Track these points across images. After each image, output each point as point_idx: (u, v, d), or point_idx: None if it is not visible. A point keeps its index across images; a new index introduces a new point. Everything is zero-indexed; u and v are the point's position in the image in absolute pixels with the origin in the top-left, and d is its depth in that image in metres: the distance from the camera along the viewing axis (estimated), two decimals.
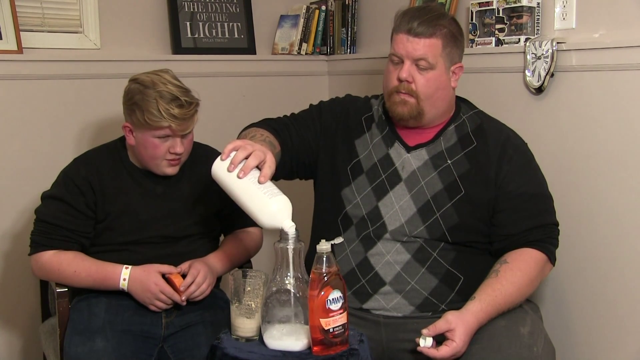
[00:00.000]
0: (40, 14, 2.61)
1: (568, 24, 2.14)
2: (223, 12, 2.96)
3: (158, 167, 2.05)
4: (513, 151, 1.94)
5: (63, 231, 2.02)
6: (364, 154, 2.00)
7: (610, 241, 2.04)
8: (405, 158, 1.95)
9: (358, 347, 1.60)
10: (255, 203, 1.60)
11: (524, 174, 1.93)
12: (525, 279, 1.85)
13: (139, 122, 1.97)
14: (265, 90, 3.04)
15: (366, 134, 2.02)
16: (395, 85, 1.91)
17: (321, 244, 1.56)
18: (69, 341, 1.96)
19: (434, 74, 1.89)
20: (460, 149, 1.94)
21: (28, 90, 2.55)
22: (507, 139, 1.96)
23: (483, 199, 1.90)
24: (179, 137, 2.00)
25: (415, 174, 1.93)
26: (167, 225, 2.09)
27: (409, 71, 1.88)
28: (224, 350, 1.62)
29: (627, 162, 1.98)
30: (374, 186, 1.95)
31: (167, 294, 1.97)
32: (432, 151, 1.95)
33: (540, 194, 1.94)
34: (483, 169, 1.91)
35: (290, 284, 1.58)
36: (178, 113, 1.94)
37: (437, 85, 1.90)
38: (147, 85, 1.96)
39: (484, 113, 2.03)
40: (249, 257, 2.23)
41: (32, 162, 2.56)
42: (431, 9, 1.93)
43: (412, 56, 1.87)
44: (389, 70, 1.94)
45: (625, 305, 2.02)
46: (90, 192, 2.04)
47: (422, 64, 1.88)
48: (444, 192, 1.90)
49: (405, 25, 1.88)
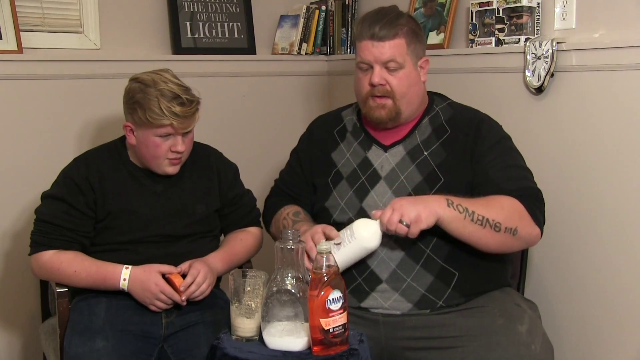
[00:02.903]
0: (40, 14, 2.61)
1: (568, 24, 2.14)
2: (223, 12, 2.96)
3: (159, 166, 2.05)
4: (487, 131, 1.97)
5: (63, 231, 2.02)
6: (342, 163, 2.05)
7: (609, 240, 2.04)
8: (383, 158, 2.00)
9: (358, 347, 1.60)
10: (355, 250, 1.83)
11: (498, 149, 1.95)
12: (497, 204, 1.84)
13: (140, 120, 1.97)
14: (265, 90, 3.04)
15: (341, 145, 2.08)
16: (369, 90, 1.96)
17: (321, 244, 1.56)
18: (69, 341, 1.96)
19: (404, 72, 1.94)
20: (435, 139, 1.98)
21: (28, 90, 2.55)
22: (480, 121, 2.00)
23: (462, 182, 1.92)
24: (180, 136, 2.01)
25: (395, 171, 1.97)
26: (168, 224, 2.09)
27: (380, 75, 1.93)
28: (224, 350, 1.62)
29: (627, 162, 1.98)
30: (355, 189, 1.99)
31: (167, 294, 1.97)
32: (409, 146, 1.99)
33: (516, 165, 1.95)
34: (459, 154, 1.95)
35: (291, 284, 1.58)
36: (179, 111, 1.95)
37: (410, 82, 1.95)
38: (148, 84, 1.97)
39: (457, 103, 2.07)
40: (250, 257, 2.23)
41: (32, 162, 2.56)
42: (388, 11, 1.97)
43: (380, 60, 1.92)
44: (359, 78, 1.99)
45: (624, 304, 2.02)
46: (90, 192, 2.04)
47: (391, 65, 1.93)
48: (423, 183, 1.93)
49: (367, 31, 1.93)
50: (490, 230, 1.81)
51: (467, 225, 1.80)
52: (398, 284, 1.88)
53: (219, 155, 2.26)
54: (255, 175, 2.58)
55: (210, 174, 2.18)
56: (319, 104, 3.15)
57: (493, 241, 1.83)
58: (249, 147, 2.97)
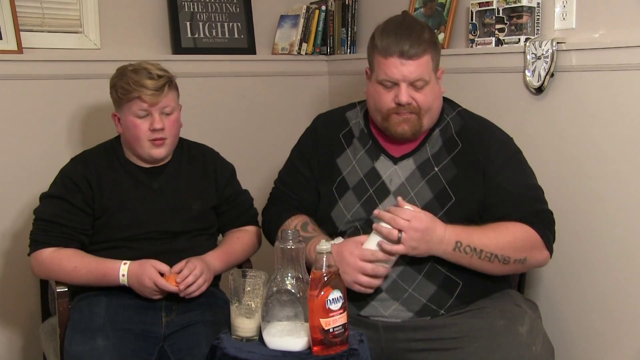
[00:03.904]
0: (40, 14, 2.61)
1: (568, 24, 2.14)
2: (223, 12, 2.96)
3: (143, 149, 2.07)
4: (498, 147, 1.94)
5: (62, 228, 2.03)
6: (347, 170, 1.98)
7: (609, 240, 2.04)
8: (392, 170, 1.94)
9: (358, 347, 1.60)
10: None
11: (510, 166, 1.92)
12: (508, 232, 1.82)
13: (116, 102, 2.07)
14: (265, 90, 3.04)
15: (347, 151, 2.01)
16: (393, 107, 1.88)
17: (321, 244, 1.56)
18: (70, 340, 1.96)
19: (429, 87, 1.88)
20: (446, 153, 1.93)
21: (28, 90, 2.55)
22: (491, 136, 1.96)
23: (474, 200, 1.89)
24: (156, 113, 2.04)
25: (404, 186, 1.92)
26: (164, 220, 2.10)
27: (408, 93, 1.86)
28: (224, 350, 1.62)
29: (627, 162, 1.98)
30: (362, 202, 1.93)
31: (160, 286, 1.96)
32: (419, 159, 1.93)
33: (528, 185, 1.93)
34: (470, 170, 1.91)
35: (291, 284, 1.58)
36: (147, 83, 2.01)
37: (434, 96, 1.90)
38: (125, 68, 2.09)
39: (467, 111, 2.02)
40: (248, 256, 2.23)
41: (31, 162, 2.56)
42: (412, 24, 1.89)
43: (409, 79, 1.85)
44: (381, 93, 1.89)
45: (624, 305, 2.02)
46: (88, 189, 2.06)
47: (418, 83, 1.86)
48: (434, 201, 1.88)
49: (394, 47, 1.84)
50: (499, 264, 1.83)
51: (473, 261, 1.81)
52: (398, 294, 1.86)
53: (216, 154, 2.27)
54: (254, 176, 2.58)
55: (207, 172, 2.20)
56: (319, 104, 3.14)
57: (499, 270, 1.86)
58: (248, 147, 2.97)
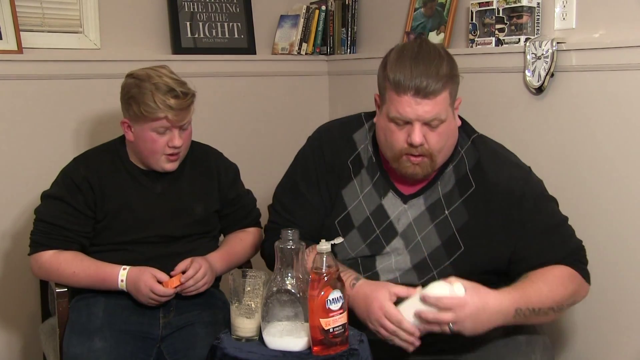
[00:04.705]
0: (40, 14, 2.61)
1: (568, 24, 2.14)
2: (223, 12, 2.96)
3: (157, 162, 2.05)
4: (520, 192, 1.76)
5: (63, 231, 2.02)
6: (353, 205, 1.84)
7: (610, 241, 2.04)
8: (401, 210, 1.81)
9: (358, 347, 1.60)
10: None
11: (537, 210, 1.77)
12: (558, 281, 1.71)
13: (136, 115, 1.98)
14: (265, 90, 3.04)
15: (354, 181, 1.85)
16: (405, 147, 1.70)
17: (321, 244, 1.56)
18: (68, 341, 1.96)
19: (445, 125, 1.70)
20: (458, 194, 1.78)
21: (28, 90, 2.55)
22: (509, 177, 1.78)
23: (487, 253, 1.76)
24: (176, 129, 2.01)
25: (412, 228, 1.79)
26: (166, 224, 2.09)
27: (421, 133, 1.68)
28: (224, 350, 1.62)
29: (627, 162, 1.98)
30: (368, 242, 1.82)
31: (157, 292, 1.95)
32: (429, 199, 1.79)
33: (558, 223, 1.81)
34: (483, 218, 1.76)
35: (291, 284, 1.58)
36: (174, 104, 1.96)
37: (448, 133, 1.73)
38: (143, 79, 1.98)
39: (481, 139, 1.85)
40: (249, 257, 2.23)
41: (32, 162, 2.56)
42: (429, 55, 1.68)
43: (424, 118, 1.66)
44: (392, 131, 1.71)
45: (624, 305, 2.02)
46: (89, 192, 2.04)
47: (434, 122, 1.68)
48: (442, 249, 1.77)
49: (409, 82, 1.64)
50: (553, 314, 1.74)
51: (530, 320, 1.70)
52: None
53: (219, 155, 2.25)
54: (255, 176, 2.58)
55: (210, 175, 2.18)
56: (319, 104, 3.15)
57: (552, 319, 1.77)
58: (248, 147, 2.97)
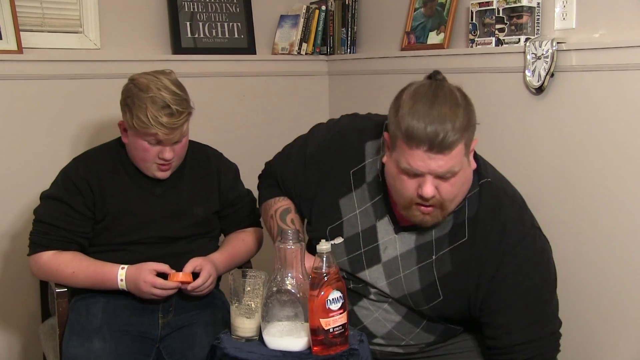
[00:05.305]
0: (40, 14, 2.61)
1: (568, 24, 2.13)
2: (223, 12, 2.96)
3: (148, 169, 2.04)
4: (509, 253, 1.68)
5: (62, 232, 2.02)
6: (347, 217, 1.78)
7: (610, 241, 2.04)
8: (391, 239, 1.75)
9: (358, 347, 1.60)
10: None
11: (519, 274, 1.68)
12: None
13: (128, 124, 1.98)
14: (265, 90, 3.05)
15: (353, 194, 1.78)
16: (415, 197, 1.61)
17: (321, 244, 1.56)
18: (67, 342, 1.96)
19: (459, 175, 1.60)
20: (447, 242, 1.70)
21: (28, 90, 2.55)
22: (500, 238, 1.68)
23: (463, 306, 1.73)
24: (168, 145, 1.98)
25: (396, 262, 1.74)
26: (166, 226, 2.08)
27: (433, 186, 1.58)
28: (224, 350, 1.62)
29: (627, 162, 1.98)
30: (350, 257, 1.78)
31: (160, 286, 1.94)
32: (421, 239, 1.72)
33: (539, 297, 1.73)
34: (465, 273, 1.70)
35: (291, 284, 1.58)
36: (166, 122, 1.91)
37: (462, 182, 1.63)
38: (142, 89, 1.94)
39: (488, 189, 1.72)
40: (250, 257, 2.23)
41: (32, 162, 2.56)
42: (445, 103, 1.55)
43: (436, 172, 1.56)
44: (402, 179, 1.61)
45: (624, 305, 2.02)
46: (89, 193, 2.04)
47: (447, 175, 1.57)
48: (420, 294, 1.73)
49: (422, 136, 1.52)
50: None
51: None
52: (395, 341, 1.81)
53: (219, 155, 2.25)
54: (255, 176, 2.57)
55: (210, 176, 2.17)
56: (319, 104, 3.15)
57: None
58: (248, 147, 2.97)
